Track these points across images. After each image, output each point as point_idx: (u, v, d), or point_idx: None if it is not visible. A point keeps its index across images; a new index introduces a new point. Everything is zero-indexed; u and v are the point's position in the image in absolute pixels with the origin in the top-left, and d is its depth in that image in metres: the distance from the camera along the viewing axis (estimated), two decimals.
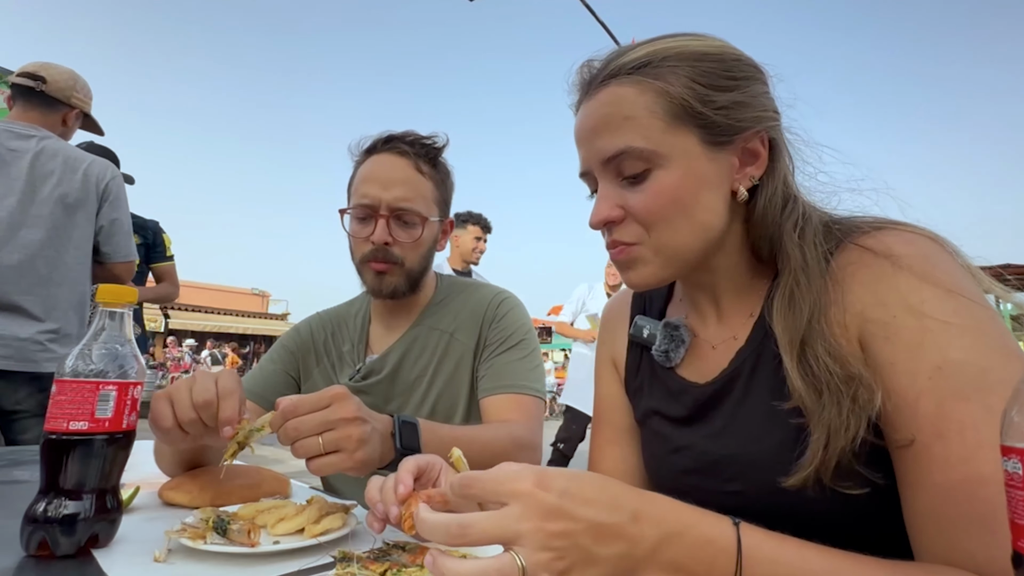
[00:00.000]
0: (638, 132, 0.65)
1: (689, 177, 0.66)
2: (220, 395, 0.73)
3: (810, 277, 0.64)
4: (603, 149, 0.67)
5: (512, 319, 1.23)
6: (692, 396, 0.74)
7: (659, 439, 0.79)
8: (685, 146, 0.66)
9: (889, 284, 0.59)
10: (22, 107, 1.97)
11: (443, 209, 1.24)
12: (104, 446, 0.64)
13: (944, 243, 0.62)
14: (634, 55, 0.68)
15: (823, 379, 0.59)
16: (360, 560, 0.60)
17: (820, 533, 0.54)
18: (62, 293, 1.89)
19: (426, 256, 1.22)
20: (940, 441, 0.52)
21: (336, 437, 0.73)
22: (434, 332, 1.23)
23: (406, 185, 1.14)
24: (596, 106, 0.68)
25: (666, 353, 0.78)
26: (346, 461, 0.74)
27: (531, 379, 1.17)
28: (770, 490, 0.62)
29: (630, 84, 0.66)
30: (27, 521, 0.61)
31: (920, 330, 0.56)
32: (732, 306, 0.74)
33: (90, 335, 0.67)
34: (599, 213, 0.69)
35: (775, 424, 0.64)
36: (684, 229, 0.67)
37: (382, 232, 1.13)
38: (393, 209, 1.13)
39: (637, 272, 0.70)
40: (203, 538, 0.64)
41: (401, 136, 1.20)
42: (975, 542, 0.49)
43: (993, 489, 0.49)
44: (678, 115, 0.65)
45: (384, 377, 1.21)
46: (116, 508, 0.66)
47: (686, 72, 0.66)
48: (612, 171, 0.68)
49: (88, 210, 1.97)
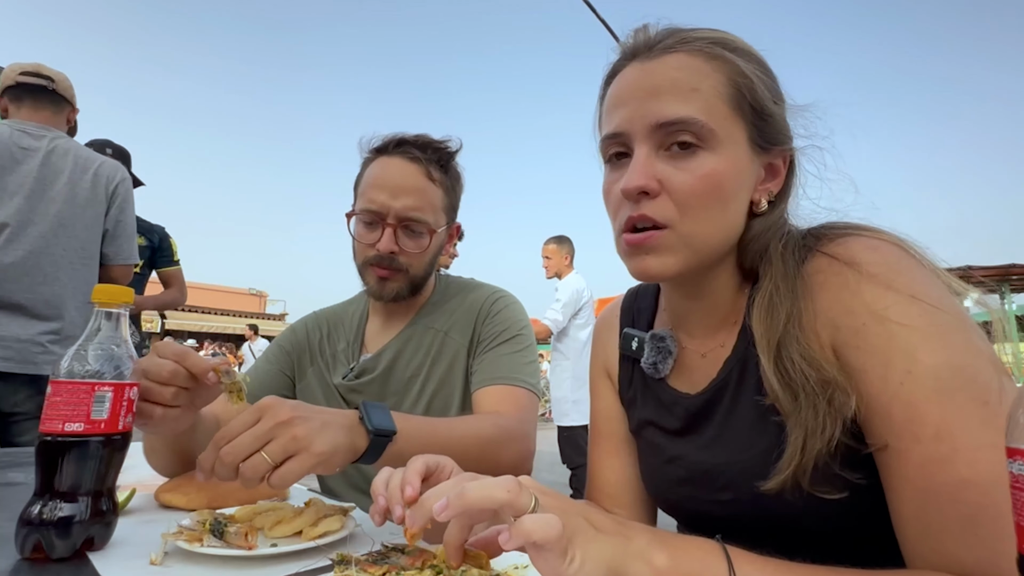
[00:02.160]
0: (703, 106, 0.63)
1: (735, 169, 0.65)
2: (177, 358, 0.72)
3: (788, 284, 0.64)
4: (660, 112, 0.64)
5: (507, 315, 1.22)
6: (684, 407, 0.74)
7: (653, 450, 0.79)
8: (737, 136, 0.65)
9: (854, 292, 0.59)
10: (32, 106, 1.97)
11: (451, 214, 1.22)
12: (100, 448, 0.63)
13: (909, 247, 0.62)
14: (708, 34, 0.67)
15: (799, 382, 0.59)
16: (359, 563, 0.59)
17: (811, 541, 0.54)
18: (67, 293, 1.89)
19: (431, 262, 1.20)
20: (917, 445, 0.53)
21: (280, 444, 0.67)
22: (429, 331, 1.22)
23: (416, 194, 1.12)
24: (661, 68, 0.65)
25: (654, 365, 0.78)
26: (306, 460, 0.68)
27: (524, 372, 1.14)
28: (761, 499, 0.62)
29: (703, 57, 0.65)
30: (22, 524, 0.61)
31: (887, 336, 0.56)
32: (718, 315, 0.74)
33: (86, 336, 0.66)
34: (636, 179, 0.64)
35: (762, 432, 0.64)
36: (716, 222, 0.65)
37: (388, 241, 1.11)
38: (401, 218, 1.11)
39: (660, 259, 0.65)
40: (200, 541, 0.64)
41: (413, 140, 1.17)
42: (961, 546, 0.50)
43: (974, 491, 0.49)
44: (740, 106, 0.64)
45: (377, 376, 1.20)
46: (112, 511, 0.66)
47: (754, 68, 0.66)
48: (657, 139, 0.65)
49: (97, 211, 1.98)
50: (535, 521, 0.43)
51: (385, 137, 1.19)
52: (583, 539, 0.45)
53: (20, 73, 1.96)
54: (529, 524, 0.43)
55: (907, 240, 0.63)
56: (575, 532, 0.45)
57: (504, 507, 0.45)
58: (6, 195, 1.81)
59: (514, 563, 0.59)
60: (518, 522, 0.43)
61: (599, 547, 0.46)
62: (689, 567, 0.48)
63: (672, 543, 0.50)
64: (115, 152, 2.65)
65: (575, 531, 0.45)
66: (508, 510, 0.45)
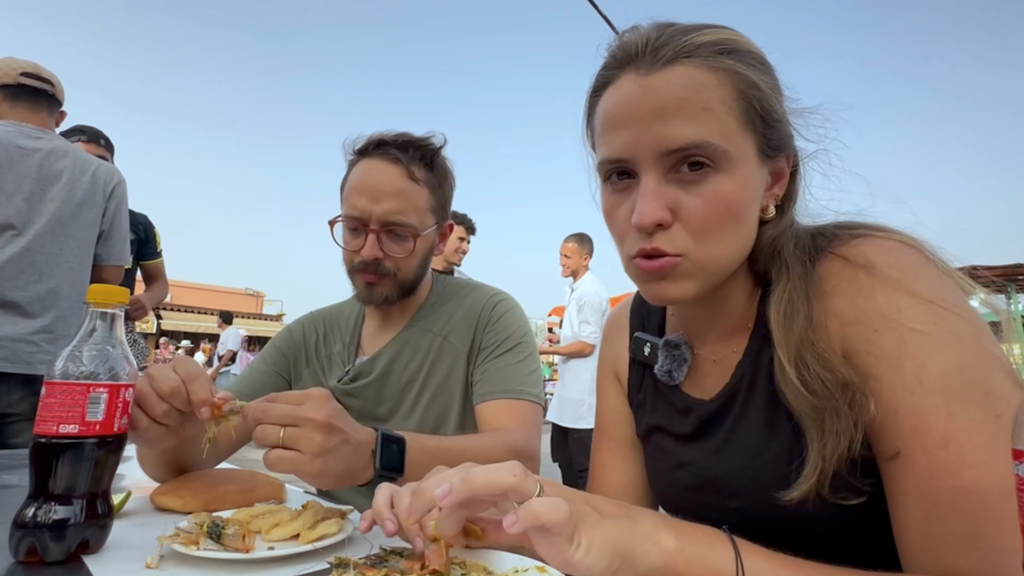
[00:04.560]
0: (715, 127, 0.58)
1: (746, 187, 0.61)
2: (185, 379, 0.71)
3: (803, 287, 0.62)
4: (670, 137, 0.58)
5: (508, 321, 1.19)
6: (698, 413, 0.73)
7: (663, 455, 0.78)
8: (748, 152, 0.61)
9: (867, 296, 0.58)
10: (30, 107, 1.97)
11: (440, 213, 1.19)
12: (95, 450, 0.63)
13: (924, 248, 0.60)
14: (710, 37, 0.60)
15: (817, 388, 0.57)
16: (357, 566, 0.59)
17: (820, 546, 0.54)
18: (62, 291, 1.89)
19: (421, 265, 1.18)
20: (925, 455, 0.52)
21: (297, 435, 0.70)
22: (427, 335, 1.20)
23: (397, 197, 1.09)
24: (665, 86, 0.59)
25: (669, 373, 0.77)
26: (303, 464, 0.70)
27: (528, 383, 1.13)
28: (770, 505, 0.61)
29: (710, 70, 0.58)
30: (16, 526, 0.60)
31: (900, 343, 0.55)
32: (731, 321, 0.72)
33: (80, 336, 0.66)
34: (651, 214, 0.59)
35: (773, 438, 0.64)
36: (731, 243, 0.62)
37: (372, 248, 1.09)
38: (384, 223, 1.09)
39: (676, 285, 0.62)
40: (196, 544, 0.63)
41: (393, 140, 1.14)
42: (960, 556, 0.49)
43: (979, 503, 0.49)
44: (750, 118, 0.60)
45: (373, 380, 1.18)
46: (107, 513, 0.65)
47: (760, 72, 0.61)
48: (668, 164, 0.60)
49: (95, 211, 2.00)
50: (543, 504, 0.42)
51: (366, 138, 1.16)
52: (588, 523, 0.45)
53: (21, 74, 1.96)
54: (538, 507, 0.42)
55: (921, 241, 0.61)
56: (580, 517, 0.44)
57: (510, 492, 0.44)
58: (3, 195, 1.81)
59: (514, 567, 0.58)
60: (525, 505, 0.42)
61: (605, 531, 0.45)
62: (696, 550, 0.48)
63: (679, 527, 0.50)
64: (90, 136, 2.58)
65: (580, 516, 0.45)
66: (514, 495, 0.44)
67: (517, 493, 0.44)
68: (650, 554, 0.46)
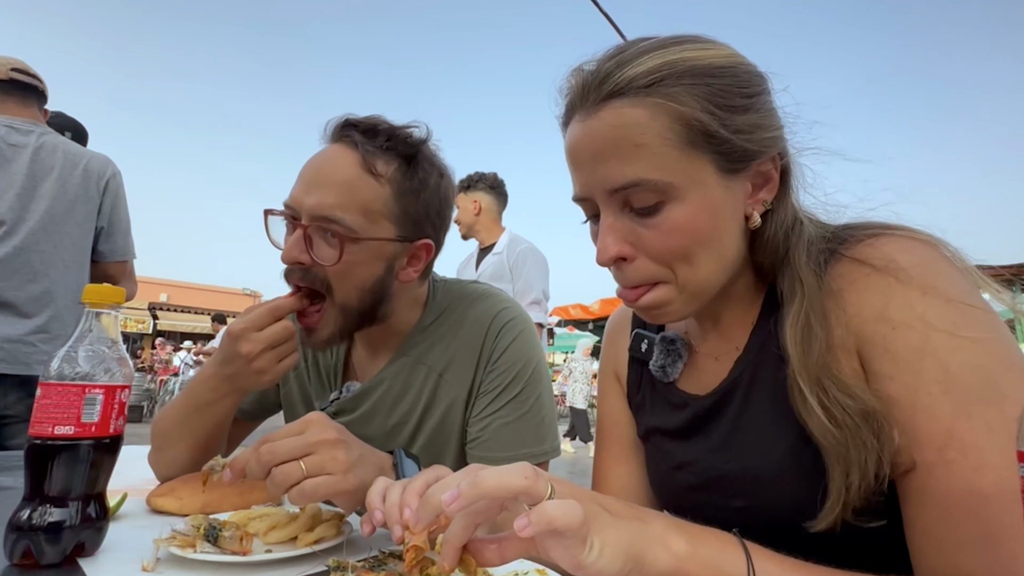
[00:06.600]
0: (651, 162, 0.59)
1: (705, 209, 0.60)
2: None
3: (820, 302, 0.60)
4: (609, 178, 0.60)
5: (512, 357, 0.98)
6: (692, 408, 0.73)
7: (661, 456, 0.78)
8: (700, 175, 0.60)
9: (886, 296, 0.57)
10: (20, 103, 1.96)
11: (408, 226, 0.93)
12: (90, 451, 0.62)
13: (943, 246, 0.60)
14: (641, 68, 0.59)
15: (840, 417, 0.56)
16: (355, 569, 0.59)
17: (828, 545, 0.53)
18: (57, 290, 1.87)
19: (363, 288, 0.91)
20: (942, 460, 0.51)
21: (320, 460, 0.67)
22: (420, 368, 1.00)
23: (338, 188, 0.87)
24: (600, 127, 0.60)
25: (663, 368, 0.77)
26: (338, 483, 0.67)
27: (528, 443, 0.95)
28: (776, 506, 0.61)
29: (640, 105, 0.59)
30: (11, 529, 0.60)
31: (919, 344, 0.54)
32: (733, 318, 0.72)
33: (76, 336, 0.65)
34: (607, 250, 0.62)
35: (778, 437, 0.63)
36: (708, 264, 0.62)
37: (293, 246, 0.87)
38: (314, 217, 0.86)
39: (664, 310, 0.65)
40: (193, 546, 0.62)
41: (359, 122, 0.93)
42: (976, 561, 0.49)
43: (995, 508, 0.48)
44: (694, 141, 0.59)
45: (356, 419, 1.01)
46: (103, 515, 0.65)
47: (702, 91, 0.59)
48: (618, 201, 0.62)
49: (89, 207, 1.96)
50: (557, 507, 0.41)
51: (336, 120, 0.96)
52: (599, 525, 0.44)
53: (11, 69, 1.95)
54: (552, 509, 0.41)
55: (940, 239, 0.60)
56: (591, 518, 0.44)
57: (522, 494, 0.43)
58: None
59: (514, 570, 0.58)
60: (538, 507, 0.41)
61: (617, 532, 0.45)
62: (708, 555, 0.48)
63: (689, 530, 0.49)
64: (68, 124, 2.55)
65: (591, 517, 0.44)
66: (525, 498, 0.43)
67: (529, 496, 0.43)
68: (660, 558, 0.46)
